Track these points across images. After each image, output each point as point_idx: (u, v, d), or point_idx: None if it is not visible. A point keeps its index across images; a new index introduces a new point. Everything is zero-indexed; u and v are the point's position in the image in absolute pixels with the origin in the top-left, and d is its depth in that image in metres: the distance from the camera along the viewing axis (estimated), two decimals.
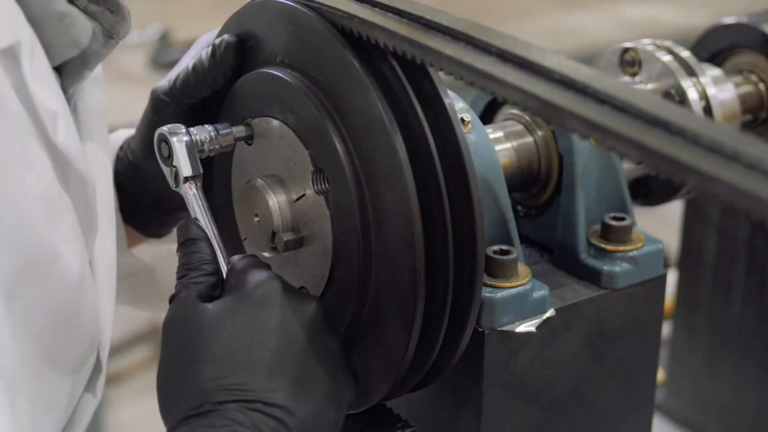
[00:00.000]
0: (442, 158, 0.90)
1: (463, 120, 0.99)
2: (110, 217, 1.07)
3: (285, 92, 0.97)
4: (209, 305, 0.93)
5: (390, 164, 0.89)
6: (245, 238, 1.06)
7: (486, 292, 0.97)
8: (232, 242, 1.09)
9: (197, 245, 0.97)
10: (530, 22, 3.15)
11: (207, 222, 0.99)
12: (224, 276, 0.97)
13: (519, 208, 1.13)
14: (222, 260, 0.98)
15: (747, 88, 1.23)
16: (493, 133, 1.08)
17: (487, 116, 1.16)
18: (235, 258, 0.97)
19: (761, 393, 1.49)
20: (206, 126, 1.01)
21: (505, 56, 0.80)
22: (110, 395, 3.49)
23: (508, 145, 1.09)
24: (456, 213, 0.90)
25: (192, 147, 0.99)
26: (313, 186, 0.96)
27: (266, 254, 1.01)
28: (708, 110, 1.17)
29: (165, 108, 1.07)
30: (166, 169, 1.00)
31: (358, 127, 0.91)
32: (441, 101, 0.90)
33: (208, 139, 1.00)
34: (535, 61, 0.78)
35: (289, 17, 0.96)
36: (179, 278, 0.97)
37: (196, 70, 1.04)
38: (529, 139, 1.10)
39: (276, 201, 0.99)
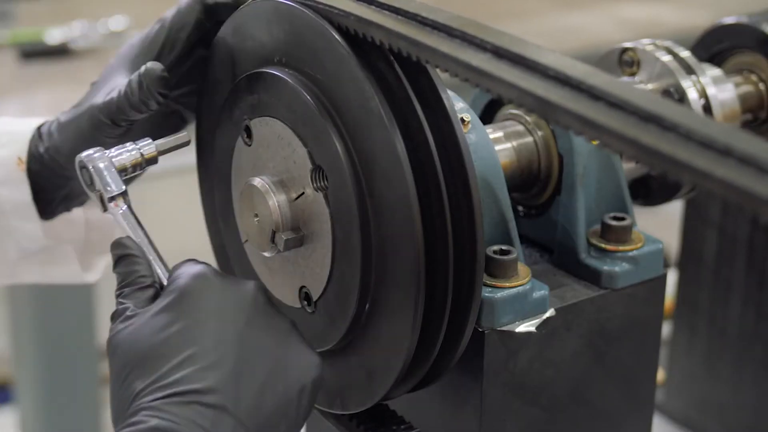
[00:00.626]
0: (442, 158, 0.90)
1: (463, 120, 0.99)
2: None
3: (283, 91, 0.97)
4: (143, 311, 0.92)
5: (389, 161, 0.89)
6: (246, 240, 1.06)
7: (486, 292, 0.97)
8: (233, 243, 1.09)
9: (132, 261, 0.97)
10: (528, 21, 3.14)
11: (140, 237, 0.98)
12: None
13: (519, 208, 1.13)
14: (160, 272, 0.97)
15: (747, 88, 1.23)
16: (493, 133, 1.08)
17: (487, 116, 1.16)
18: (174, 266, 0.97)
19: (761, 393, 1.48)
20: (126, 145, 1.00)
21: (500, 53, 0.80)
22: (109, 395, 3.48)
23: (508, 145, 1.09)
24: (456, 213, 0.90)
25: (110, 168, 0.99)
26: (312, 184, 0.96)
27: (267, 254, 1.01)
28: (708, 110, 1.17)
29: (106, 128, 1.07)
30: (92, 194, 1.00)
31: (356, 124, 0.91)
32: (440, 101, 0.90)
33: (130, 158, 1.00)
34: (530, 57, 0.78)
35: (287, 16, 0.96)
36: (117, 296, 0.95)
37: (129, 98, 1.04)
38: (529, 139, 1.10)
39: (275, 200, 0.98)
